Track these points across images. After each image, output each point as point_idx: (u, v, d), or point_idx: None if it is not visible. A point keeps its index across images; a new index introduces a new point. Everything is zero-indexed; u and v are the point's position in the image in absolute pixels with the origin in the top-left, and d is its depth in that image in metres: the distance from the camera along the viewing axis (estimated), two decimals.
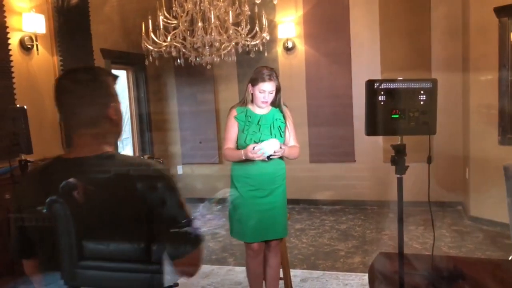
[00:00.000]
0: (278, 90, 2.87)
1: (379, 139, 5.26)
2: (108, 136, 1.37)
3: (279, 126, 2.88)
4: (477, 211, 4.95)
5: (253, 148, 2.70)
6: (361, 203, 5.88)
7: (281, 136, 2.88)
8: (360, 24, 5.74)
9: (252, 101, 2.89)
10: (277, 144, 2.73)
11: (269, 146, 2.71)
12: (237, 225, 2.95)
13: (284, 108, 2.94)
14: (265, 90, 2.79)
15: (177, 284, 2.08)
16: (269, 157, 2.76)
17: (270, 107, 2.92)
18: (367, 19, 5.69)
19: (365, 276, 3.45)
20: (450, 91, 5.44)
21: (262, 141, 2.76)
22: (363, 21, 5.73)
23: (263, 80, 2.78)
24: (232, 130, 2.91)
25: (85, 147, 1.34)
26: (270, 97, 2.83)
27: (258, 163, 2.82)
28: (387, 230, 4.86)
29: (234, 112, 2.92)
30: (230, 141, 2.93)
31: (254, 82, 2.83)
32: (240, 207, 2.92)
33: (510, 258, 3.43)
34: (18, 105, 2.99)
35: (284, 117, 2.92)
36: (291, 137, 2.95)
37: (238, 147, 2.91)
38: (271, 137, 2.82)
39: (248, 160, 2.79)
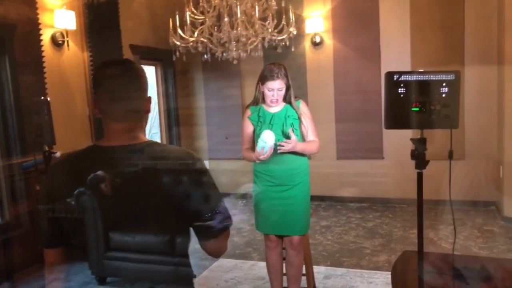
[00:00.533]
0: (288, 87, 2.81)
1: (409, 135, 5.13)
2: (142, 125, 1.42)
3: (292, 123, 2.83)
4: (511, 211, 4.76)
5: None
6: (389, 201, 5.76)
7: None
8: (390, 17, 5.60)
9: (263, 100, 2.86)
10: (271, 133, 2.67)
11: (266, 140, 2.64)
12: (258, 217, 2.98)
13: (300, 103, 2.88)
14: (273, 88, 2.75)
15: (194, 276, 2.08)
16: (275, 149, 2.71)
17: (283, 104, 2.86)
18: (397, 12, 5.55)
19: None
20: (485, 87, 5.25)
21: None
22: (393, 14, 5.58)
23: (272, 78, 2.74)
24: (248, 130, 2.93)
25: (123, 136, 1.36)
26: (279, 95, 2.78)
27: (277, 159, 2.78)
28: (415, 229, 4.73)
29: (248, 112, 2.93)
30: (246, 141, 2.95)
31: (263, 80, 2.79)
32: (261, 201, 2.94)
33: None
34: (42, 98, 3.09)
35: (297, 113, 2.85)
36: (308, 132, 2.88)
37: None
38: (282, 138, 2.77)
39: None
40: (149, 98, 1.41)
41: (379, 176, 5.80)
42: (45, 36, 4.33)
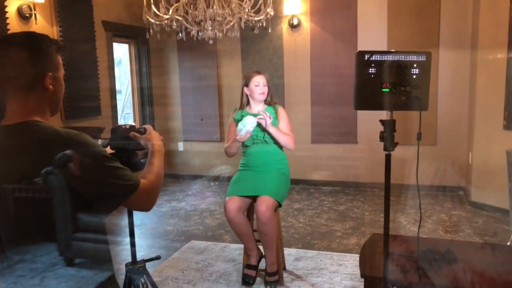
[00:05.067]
0: (269, 89, 3.17)
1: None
2: (41, 105, 1.33)
3: (271, 123, 3.04)
4: (478, 197, 4.87)
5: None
6: (362, 185, 5.82)
7: None
8: (367, 1, 5.57)
9: (248, 103, 3.20)
10: (252, 119, 2.96)
11: (246, 123, 2.95)
12: (229, 187, 3.17)
13: (279, 107, 3.20)
14: (259, 81, 3.10)
15: (159, 257, 2.05)
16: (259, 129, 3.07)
17: (265, 106, 3.19)
18: None
19: None
20: (458, 73, 5.32)
21: (253, 137, 3.08)
22: None
23: (255, 75, 3.13)
24: (231, 130, 3.21)
25: (14, 115, 1.30)
26: (266, 89, 3.13)
27: (258, 153, 3.14)
28: None
29: (234, 114, 3.26)
30: (229, 139, 3.21)
31: (247, 81, 3.15)
32: (236, 176, 3.26)
33: (509, 243, 3.37)
34: None
35: (276, 114, 3.16)
36: (285, 129, 3.16)
37: None
38: (262, 134, 3.10)
39: (249, 151, 3.18)
40: (50, 74, 1.32)
41: (351, 160, 5.85)
42: (11, 8, 4.14)
